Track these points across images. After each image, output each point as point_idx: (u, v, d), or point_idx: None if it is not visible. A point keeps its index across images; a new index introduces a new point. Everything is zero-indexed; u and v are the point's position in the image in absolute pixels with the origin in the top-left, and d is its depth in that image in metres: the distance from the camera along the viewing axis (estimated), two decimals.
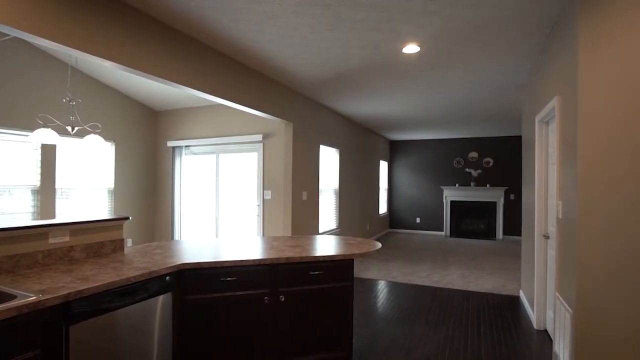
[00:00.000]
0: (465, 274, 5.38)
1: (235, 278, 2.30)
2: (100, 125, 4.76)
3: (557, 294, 2.59)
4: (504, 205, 9.05)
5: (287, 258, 2.38)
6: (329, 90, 4.84)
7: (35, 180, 4.65)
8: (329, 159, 6.29)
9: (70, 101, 3.62)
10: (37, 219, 4.65)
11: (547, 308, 3.23)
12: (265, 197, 5.35)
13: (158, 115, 6.36)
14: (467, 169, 9.42)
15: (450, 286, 4.75)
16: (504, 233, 9.05)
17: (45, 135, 3.57)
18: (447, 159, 9.68)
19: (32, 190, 4.64)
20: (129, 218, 2.58)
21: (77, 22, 2.26)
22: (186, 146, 6.09)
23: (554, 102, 2.69)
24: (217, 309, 2.27)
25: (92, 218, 2.36)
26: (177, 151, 6.10)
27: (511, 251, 7.31)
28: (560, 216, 2.56)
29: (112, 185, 5.64)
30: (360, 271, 5.55)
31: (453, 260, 6.35)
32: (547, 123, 3.30)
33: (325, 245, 2.80)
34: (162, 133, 6.33)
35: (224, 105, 5.66)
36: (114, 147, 5.64)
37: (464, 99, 5.26)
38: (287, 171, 4.86)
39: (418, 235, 9.60)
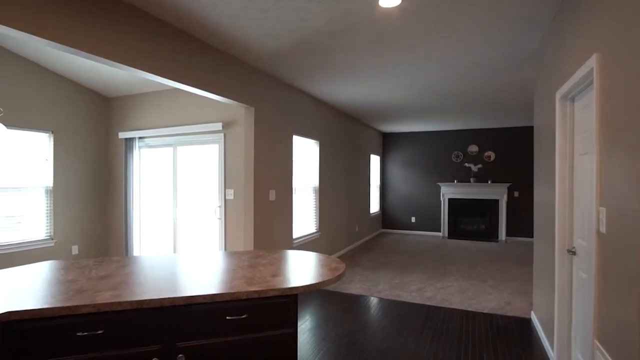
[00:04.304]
0: (464, 287, 4.56)
1: (102, 331, 1.47)
2: (1, 110, 3.90)
3: (596, 342, 1.77)
4: (507, 203, 8.23)
5: (188, 297, 1.55)
6: (294, 66, 3.99)
7: None
8: (306, 152, 5.46)
9: None
10: None
11: (573, 347, 2.42)
12: (227, 197, 4.52)
13: (110, 102, 5.51)
14: (466, 164, 8.59)
15: (446, 304, 3.94)
16: (507, 234, 8.23)
17: None
18: (445, 153, 8.84)
19: None
20: None
21: None
22: (140, 138, 5.25)
23: (591, 63, 1.86)
24: None
25: None
26: (129, 144, 5.26)
27: (516, 256, 6.49)
28: (603, 229, 1.73)
29: (50, 183, 4.81)
30: (342, 284, 4.73)
31: (450, 269, 5.53)
32: (573, 99, 2.47)
33: (275, 270, 1.98)
34: (113, 123, 5.49)
35: (180, 89, 4.84)
36: (52, 139, 4.80)
37: (460, 80, 4.41)
38: (248, 165, 4.03)
39: (413, 236, 8.78)
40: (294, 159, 4.94)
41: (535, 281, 3.46)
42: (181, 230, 4.94)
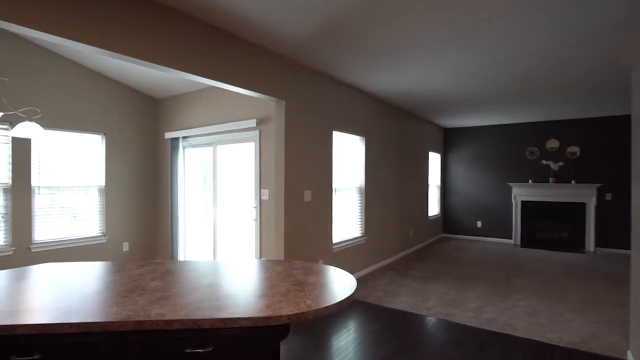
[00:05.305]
0: (535, 309, 3.77)
1: (39, 356, 1.24)
2: (39, 111, 4.07)
3: None
4: (597, 207, 6.92)
5: (139, 322, 1.26)
6: (326, 52, 3.59)
7: (6, 177, 4.13)
8: (350, 149, 5.03)
9: None
10: (9, 220, 4.13)
11: None
12: (262, 198, 4.29)
13: (159, 103, 5.64)
14: (544, 161, 7.42)
15: (509, 330, 3.24)
16: (597, 244, 6.93)
17: (29, 129, 2.97)
18: (518, 150, 7.75)
19: (3, 188, 4.12)
20: None
21: None
22: (184, 137, 5.27)
23: None
24: None
25: None
26: (174, 144, 5.31)
27: (608, 272, 5.36)
28: None
29: (102, 183, 5.02)
30: (385, 296, 4.22)
31: (520, 284, 4.69)
32: None
33: (265, 289, 1.63)
34: (161, 124, 5.61)
35: (218, 87, 4.75)
36: (104, 140, 5.01)
37: (539, 58, 3.64)
38: (279, 163, 3.74)
39: (479, 243, 7.84)
40: (334, 156, 4.56)
41: (634, 309, 2.64)
42: (220, 231, 4.84)
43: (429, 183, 7.80)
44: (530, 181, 7.52)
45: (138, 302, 1.43)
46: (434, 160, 8.24)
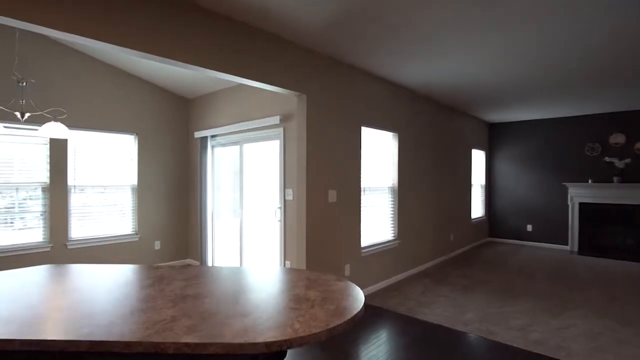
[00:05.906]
0: (595, 331, 3.24)
1: None
2: (64, 111, 4.14)
3: None
4: None
5: (92, 343, 1.09)
6: (349, 41, 3.31)
7: (45, 177, 4.29)
8: (381, 146, 4.70)
9: (19, 81, 2.95)
10: (47, 218, 4.30)
11: None
12: (286, 198, 4.11)
13: (189, 103, 5.66)
14: (607, 158, 6.57)
15: (562, 355, 2.78)
16: None
17: (54, 129, 3.05)
18: (574, 146, 6.95)
19: (42, 187, 4.29)
20: None
21: None
22: (212, 136, 5.24)
23: None
24: None
25: None
26: (203, 143, 5.29)
27: None
28: None
29: (135, 182, 5.11)
30: (418, 306, 3.86)
31: (577, 299, 4.12)
32: None
33: (252, 306, 1.42)
34: (192, 123, 5.62)
35: (244, 84, 4.63)
36: (136, 140, 5.09)
37: (604, 36, 3.12)
38: (301, 161, 3.52)
39: (529, 248, 7.14)
40: (362, 154, 4.27)
41: None
42: (247, 233, 4.73)
43: (472, 183, 7.22)
44: (590, 181, 6.70)
45: (106, 316, 1.27)
46: (478, 158, 7.63)
